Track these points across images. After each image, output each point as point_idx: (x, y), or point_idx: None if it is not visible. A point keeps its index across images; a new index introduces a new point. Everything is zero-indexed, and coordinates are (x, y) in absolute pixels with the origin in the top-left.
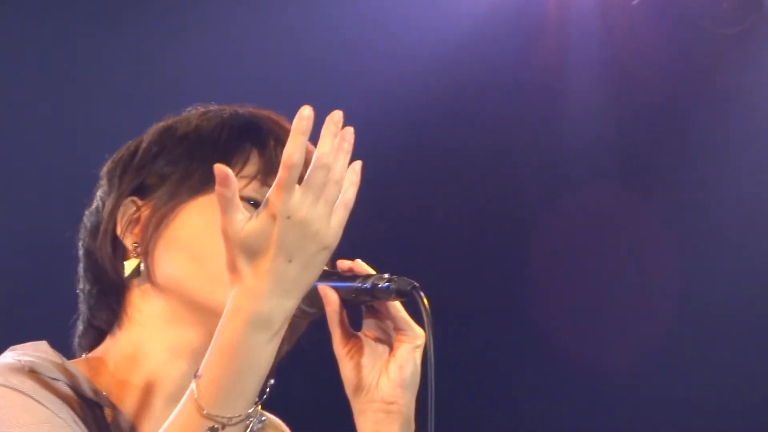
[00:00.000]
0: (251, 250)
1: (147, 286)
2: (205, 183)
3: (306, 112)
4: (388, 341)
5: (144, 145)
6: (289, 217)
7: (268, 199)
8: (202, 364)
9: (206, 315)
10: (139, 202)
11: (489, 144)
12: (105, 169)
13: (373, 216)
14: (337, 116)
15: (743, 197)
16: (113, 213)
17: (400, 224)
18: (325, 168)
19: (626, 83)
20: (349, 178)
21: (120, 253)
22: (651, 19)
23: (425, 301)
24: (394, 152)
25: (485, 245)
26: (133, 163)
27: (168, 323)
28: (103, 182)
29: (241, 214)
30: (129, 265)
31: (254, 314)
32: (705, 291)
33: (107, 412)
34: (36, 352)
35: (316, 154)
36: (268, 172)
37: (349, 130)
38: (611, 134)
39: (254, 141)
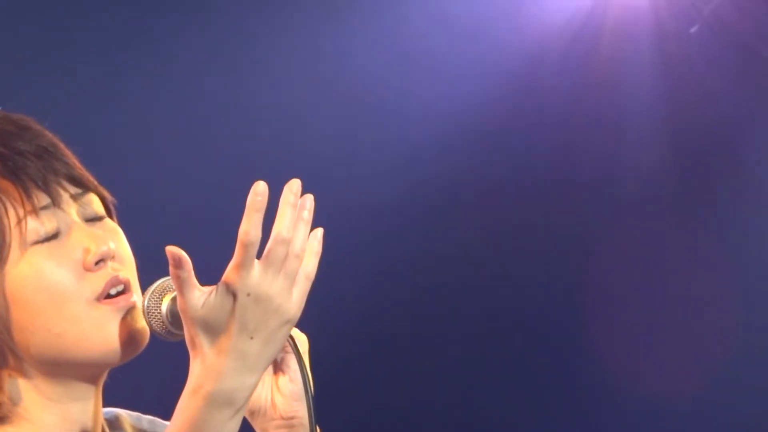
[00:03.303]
0: (211, 328)
1: (16, 378)
2: (0, 249)
3: (260, 188)
4: None
5: None
6: (249, 294)
7: (226, 277)
8: None
9: (81, 367)
10: None
11: (545, 172)
12: None
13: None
14: (295, 186)
15: None
16: None
17: (455, 242)
18: (284, 243)
19: (683, 110)
20: (310, 248)
21: None
22: (708, 46)
23: (295, 341)
24: (447, 174)
25: (541, 270)
26: None
27: (49, 399)
28: None
29: (198, 291)
30: None
31: (216, 392)
32: (764, 316)
33: None
34: None
35: (275, 228)
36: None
37: (309, 198)
38: (668, 161)
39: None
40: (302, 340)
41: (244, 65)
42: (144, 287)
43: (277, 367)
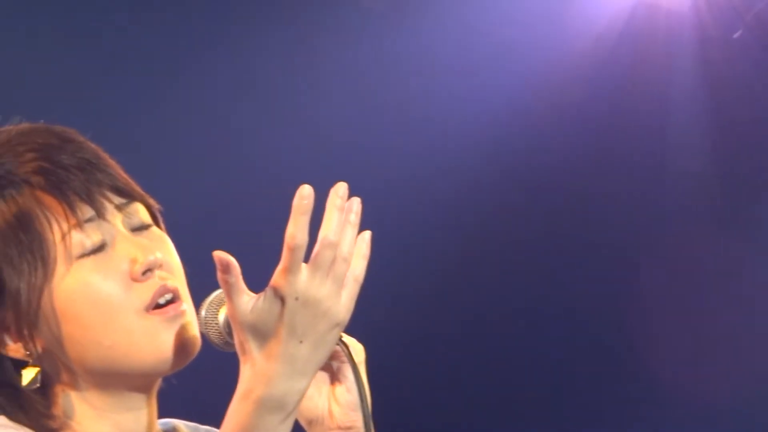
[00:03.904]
0: (260, 333)
1: (68, 391)
2: (46, 264)
3: (306, 192)
4: (326, 364)
5: None
6: (297, 298)
7: (274, 281)
8: None
9: (133, 378)
10: None
11: (587, 177)
12: None
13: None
14: (341, 189)
15: None
16: None
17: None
18: (332, 246)
19: (726, 115)
20: (358, 251)
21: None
22: (750, 51)
23: (350, 351)
24: (490, 177)
25: (586, 284)
26: None
27: (102, 411)
28: None
29: (246, 296)
30: (27, 375)
31: (266, 397)
32: None
33: None
34: (5, 430)
35: (322, 233)
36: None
37: (356, 201)
38: (712, 166)
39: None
40: (358, 350)
41: (288, 73)
42: (193, 293)
43: (334, 377)
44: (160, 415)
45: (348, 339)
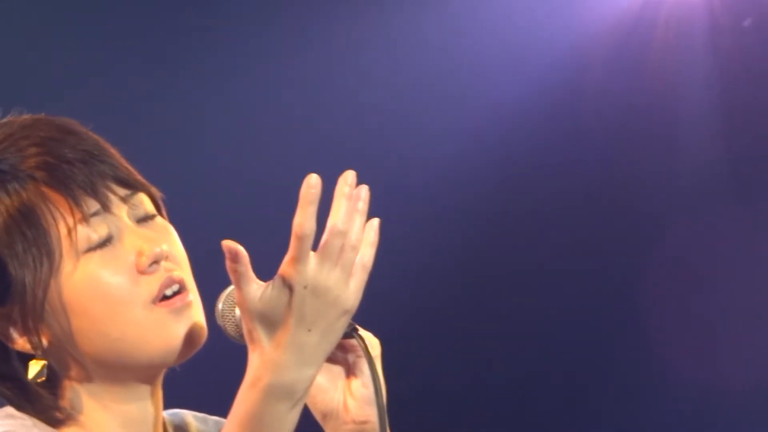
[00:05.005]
0: (269, 321)
1: (75, 384)
2: (52, 259)
3: (313, 181)
4: (342, 358)
5: None
6: (306, 287)
7: (282, 270)
8: None
9: (141, 369)
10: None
11: (601, 165)
12: None
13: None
14: (349, 177)
15: None
16: None
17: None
18: (340, 235)
19: (737, 103)
20: (367, 239)
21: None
22: (761, 39)
23: (366, 345)
24: (505, 176)
25: (598, 268)
26: None
27: (109, 402)
28: None
29: (255, 284)
30: (33, 368)
31: (275, 385)
32: None
33: None
34: (11, 420)
35: (330, 221)
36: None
37: (364, 189)
38: (723, 156)
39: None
40: (374, 344)
41: (296, 65)
42: (199, 283)
43: (350, 370)
44: (167, 406)
45: (364, 333)
